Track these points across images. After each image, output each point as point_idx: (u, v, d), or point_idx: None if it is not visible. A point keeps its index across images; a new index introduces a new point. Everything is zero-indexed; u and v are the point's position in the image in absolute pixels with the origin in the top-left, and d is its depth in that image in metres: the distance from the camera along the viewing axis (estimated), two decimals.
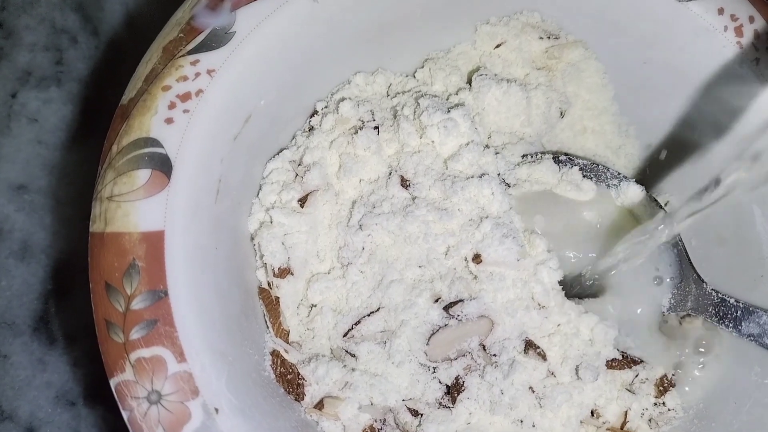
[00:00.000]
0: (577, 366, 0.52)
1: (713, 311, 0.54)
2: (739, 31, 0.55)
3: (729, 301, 0.54)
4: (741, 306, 0.53)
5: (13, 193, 0.66)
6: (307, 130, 0.59)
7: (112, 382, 0.43)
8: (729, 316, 0.53)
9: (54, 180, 0.66)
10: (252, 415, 0.45)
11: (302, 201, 0.55)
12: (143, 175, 0.47)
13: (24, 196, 0.66)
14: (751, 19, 0.56)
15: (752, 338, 0.52)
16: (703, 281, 0.55)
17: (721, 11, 0.56)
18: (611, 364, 0.53)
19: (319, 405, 0.51)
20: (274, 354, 0.52)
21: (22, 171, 0.66)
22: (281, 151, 0.58)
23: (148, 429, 0.42)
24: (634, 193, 0.57)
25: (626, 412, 0.53)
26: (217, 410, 0.44)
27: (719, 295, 0.54)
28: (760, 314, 0.51)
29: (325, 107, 0.59)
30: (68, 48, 0.70)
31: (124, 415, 0.43)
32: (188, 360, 0.44)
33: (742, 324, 0.52)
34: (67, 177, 0.67)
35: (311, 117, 0.59)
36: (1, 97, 0.68)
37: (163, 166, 0.47)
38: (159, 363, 0.43)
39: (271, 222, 0.54)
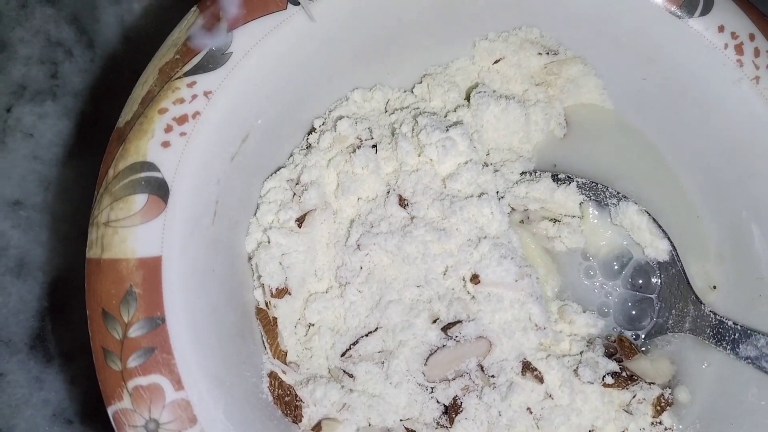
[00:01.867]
0: (576, 366, 0.52)
1: (711, 333, 0.54)
2: (739, 48, 0.55)
3: (727, 324, 0.53)
4: (739, 328, 0.53)
5: (9, 209, 0.65)
6: (304, 147, 0.59)
7: (110, 410, 0.43)
8: (727, 338, 0.53)
9: (50, 196, 0.66)
10: None
11: (300, 221, 0.54)
12: (140, 200, 0.46)
13: (20, 213, 0.65)
14: (752, 37, 0.55)
15: (749, 361, 0.52)
16: (701, 302, 0.55)
17: (721, 29, 0.55)
18: (608, 384, 0.53)
19: (317, 428, 0.51)
20: (272, 375, 0.52)
21: (18, 187, 0.66)
22: (279, 169, 0.57)
23: None
24: (633, 213, 0.57)
25: None
26: None
27: (717, 317, 0.54)
28: (758, 337, 0.51)
29: (323, 124, 0.59)
30: (63, 61, 0.69)
31: None
32: (186, 388, 0.44)
33: (740, 346, 0.52)
34: (63, 193, 0.66)
35: (309, 134, 0.59)
36: None
37: (159, 190, 0.47)
38: (157, 391, 0.43)
39: (269, 242, 0.54)
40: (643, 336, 0.57)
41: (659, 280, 0.57)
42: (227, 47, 0.51)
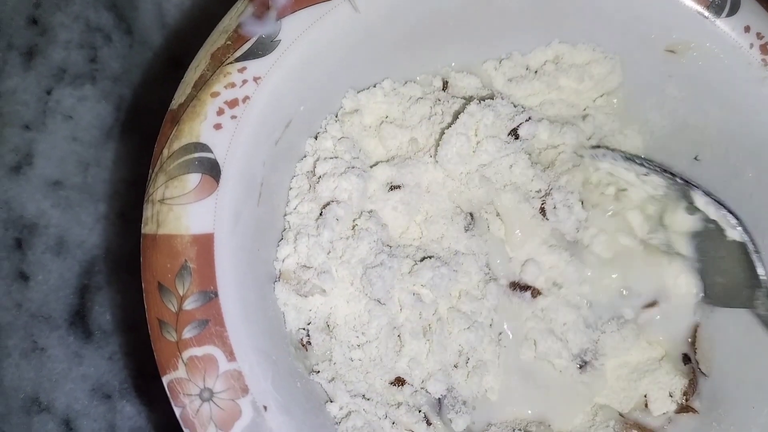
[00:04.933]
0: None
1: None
2: (764, 48, 0.57)
3: None
4: None
5: (49, 189, 0.67)
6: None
7: (165, 379, 0.45)
8: None
9: (89, 176, 0.68)
10: (295, 413, 0.47)
11: None
12: (194, 179, 0.48)
13: (59, 192, 0.67)
14: None
15: None
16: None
17: (747, 29, 0.58)
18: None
19: None
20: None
21: (58, 167, 0.67)
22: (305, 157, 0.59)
23: (200, 425, 0.44)
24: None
25: None
26: (265, 408, 0.45)
27: None
28: None
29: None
30: (102, 46, 0.71)
31: (177, 411, 0.44)
32: (238, 359, 0.46)
33: None
34: (101, 173, 0.68)
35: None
36: (37, 93, 0.69)
37: (212, 170, 0.49)
38: (211, 362, 0.45)
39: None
40: None
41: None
42: (276, 35, 0.52)
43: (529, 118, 0.57)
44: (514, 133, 0.57)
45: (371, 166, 0.58)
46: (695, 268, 0.59)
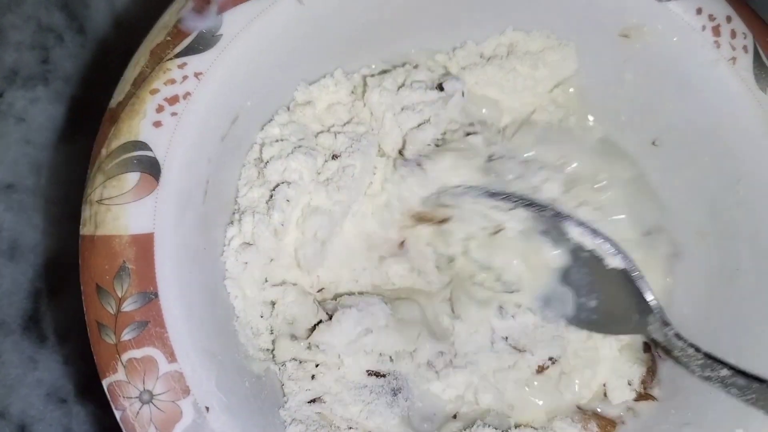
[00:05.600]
0: None
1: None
2: (716, 30, 0.57)
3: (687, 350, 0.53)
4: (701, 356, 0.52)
5: (2, 192, 0.66)
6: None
7: (105, 383, 0.44)
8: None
9: (42, 179, 0.67)
10: (241, 413, 0.47)
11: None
12: (132, 178, 0.47)
13: (12, 196, 0.66)
14: (728, 19, 0.57)
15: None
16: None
17: (699, 11, 0.57)
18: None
19: None
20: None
21: (10, 171, 0.66)
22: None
23: (140, 428, 0.43)
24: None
25: None
26: (207, 409, 0.45)
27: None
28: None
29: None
30: (54, 46, 0.70)
31: (117, 414, 0.44)
32: (179, 360, 0.45)
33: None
34: (54, 176, 0.67)
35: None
36: None
37: (151, 168, 0.48)
38: (150, 363, 0.44)
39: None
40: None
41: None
42: (217, 29, 0.51)
43: (458, 79, 0.57)
44: (439, 87, 0.57)
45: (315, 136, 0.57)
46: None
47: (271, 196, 0.53)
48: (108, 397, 0.44)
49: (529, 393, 0.55)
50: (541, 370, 0.55)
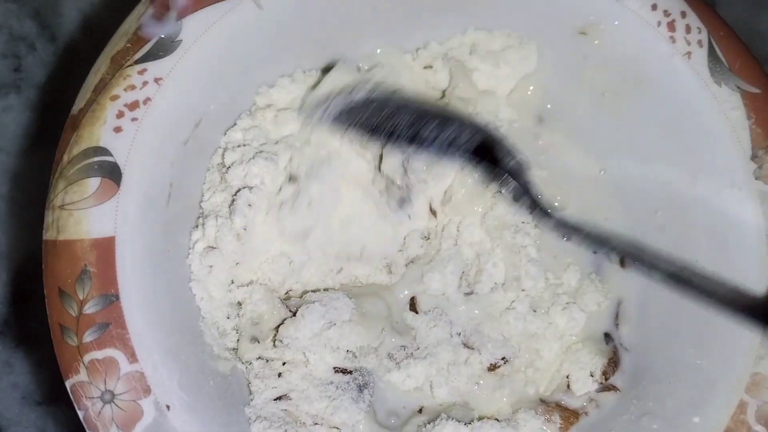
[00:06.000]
0: None
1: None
2: (671, 26, 0.58)
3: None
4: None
5: None
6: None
7: (68, 384, 0.45)
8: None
9: (14, 186, 0.68)
10: (204, 412, 0.47)
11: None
12: (93, 183, 0.48)
13: None
14: (683, 14, 0.58)
15: None
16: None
17: (654, 7, 0.58)
18: None
19: None
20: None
21: None
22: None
23: (102, 427, 0.44)
24: None
25: None
26: (168, 407, 0.46)
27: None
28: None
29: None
30: (26, 55, 0.71)
31: (80, 414, 0.45)
32: (140, 360, 0.46)
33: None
34: (27, 183, 0.68)
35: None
36: None
37: (112, 173, 0.49)
38: (112, 364, 0.45)
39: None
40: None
41: None
42: (177, 35, 0.52)
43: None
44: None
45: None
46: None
47: (233, 201, 0.54)
48: (71, 397, 0.45)
49: (478, 390, 0.56)
50: (493, 368, 0.55)
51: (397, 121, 0.54)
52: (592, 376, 0.56)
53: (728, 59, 0.57)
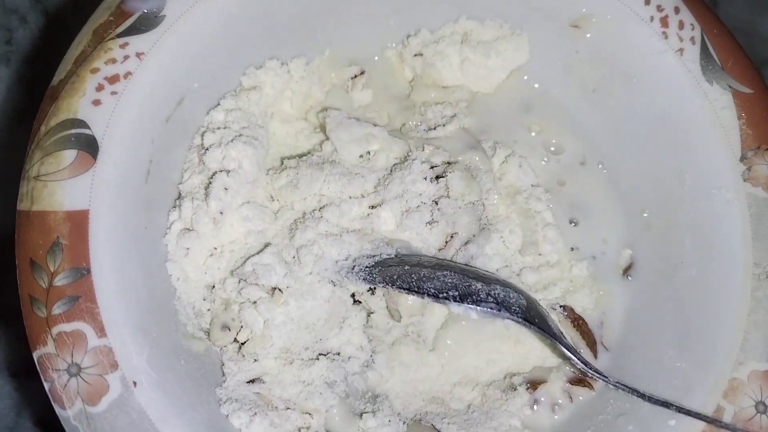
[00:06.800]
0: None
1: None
2: (664, 21, 0.57)
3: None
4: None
5: None
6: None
7: (35, 355, 0.45)
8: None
9: (2, 159, 0.67)
10: (172, 390, 0.47)
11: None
12: (69, 155, 0.48)
13: None
14: (677, 10, 0.57)
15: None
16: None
17: (647, 1, 0.57)
18: None
19: None
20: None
21: None
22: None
23: (67, 399, 0.44)
24: None
25: None
26: (135, 384, 0.45)
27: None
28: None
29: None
30: (18, 28, 0.71)
31: (46, 386, 0.45)
32: (108, 335, 0.46)
33: None
34: (14, 155, 0.67)
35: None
36: None
37: (89, 146, 0.49)
38: (79, 337, 0.45)
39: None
40: None
41: None
42: (160, 10, 0.52)
43: None
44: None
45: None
46: None
47: (209, 184, 0.54)
48: (38, 369, 0.45)
49: None
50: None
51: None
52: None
53: (721, 57, 0.56)
